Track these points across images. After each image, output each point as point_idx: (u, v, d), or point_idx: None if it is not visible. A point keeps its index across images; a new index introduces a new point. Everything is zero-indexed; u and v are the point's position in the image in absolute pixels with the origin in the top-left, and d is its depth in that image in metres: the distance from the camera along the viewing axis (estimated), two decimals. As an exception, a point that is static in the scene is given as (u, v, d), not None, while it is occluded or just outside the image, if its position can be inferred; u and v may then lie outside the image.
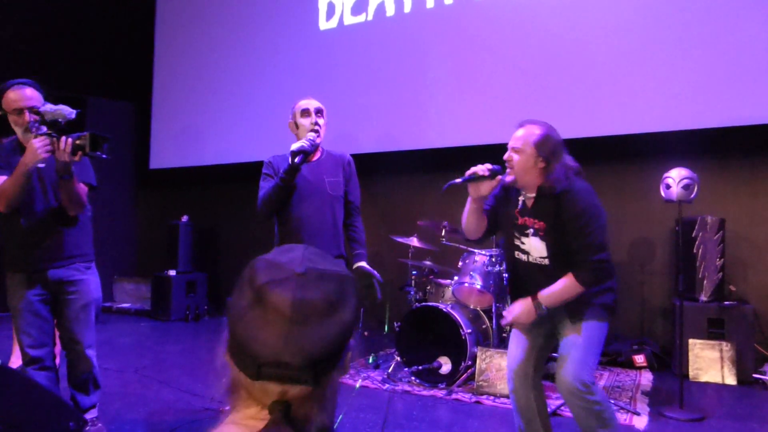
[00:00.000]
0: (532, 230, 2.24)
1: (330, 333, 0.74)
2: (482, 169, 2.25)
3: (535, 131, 2.18)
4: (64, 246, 2.61)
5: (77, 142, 2.39)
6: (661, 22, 4.60)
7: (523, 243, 2.29)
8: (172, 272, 6.69)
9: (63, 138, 2.36)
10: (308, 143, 2.62)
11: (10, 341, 3.89)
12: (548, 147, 2.17)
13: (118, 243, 7.57)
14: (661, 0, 4.61)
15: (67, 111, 2.45)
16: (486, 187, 2.25)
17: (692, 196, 3.54)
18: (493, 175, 2.24)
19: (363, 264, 2.77)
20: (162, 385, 3.96)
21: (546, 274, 2.22)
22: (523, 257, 2.30)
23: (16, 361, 3.93)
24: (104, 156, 2.45)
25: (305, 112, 2.82)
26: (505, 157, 2.24)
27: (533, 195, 2.26)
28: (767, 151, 4.61)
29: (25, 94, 2.53)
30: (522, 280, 2.35)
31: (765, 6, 4.25)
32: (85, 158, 2.56)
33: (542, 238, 2.22)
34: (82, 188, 2.59)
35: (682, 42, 4.52)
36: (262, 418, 0.75)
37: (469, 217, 2.37)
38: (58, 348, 2.76)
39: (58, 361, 2.79)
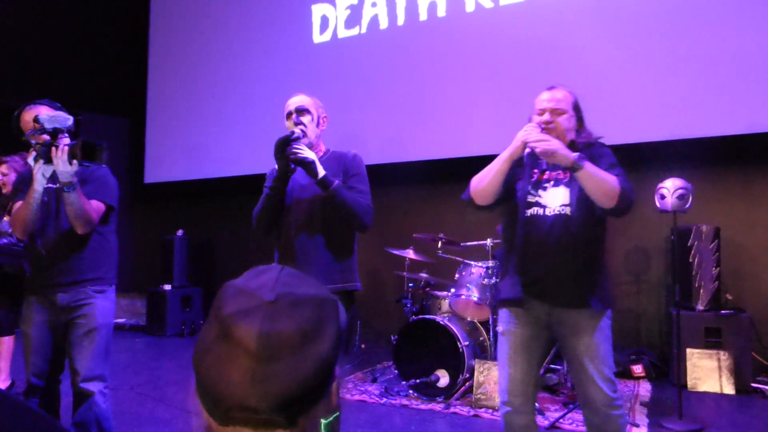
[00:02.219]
0: (553, 182, 2.21)
1: (304, 368, 0.66)
2: (542, 120, 2.21)
3: (568, 92, 2.28)
4: (75, 269, 2.47)
5: (72, 150, 2.29)
6: (656, 32, 4.64)
7: (540, 197, 2.21)
8: (168, 287, 6.66)
9: (61, 146, 2.25)
10: (291, 144, 2.33)
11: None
12: (578, 106, 2.30)
13: (113, 258, 7.53)
14: (656, 11, 4.66)
15: (61, 118, 2.36)
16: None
17: (687, 206, 3.56)
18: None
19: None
20: (158, 403, 3.92)
21: (564, 222, 2.14)
22: (540, 211, 2.20)
23: (1, 384, 3.88)
24: (102, 166, 2.40)
25: (288, 115, 2.53)
26: (544, 119, 2.20)
27: None
28: (761, 160, 4.64)
29: (33, 113, 2.46)
30: (536, 238, 2.18)
31: (759, 16, 4.29)
32: (105, 176, 2.50)
33: (567, 185, 2.18)
34: (96, 205, 2.47)
35: (676, 51, 4.55)
36: None
37: (497, 178, 2.20)
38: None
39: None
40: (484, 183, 2.23)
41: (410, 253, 4.60)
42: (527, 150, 2.17)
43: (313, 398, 0.69)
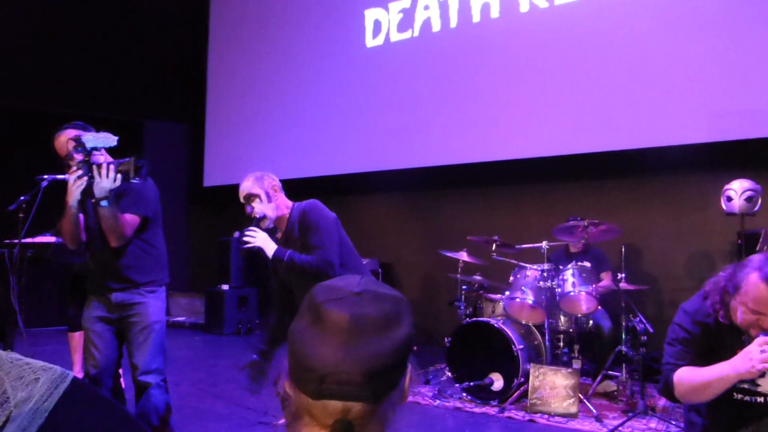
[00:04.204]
0: None
1: (387, 347, 0.75)
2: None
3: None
4: (123, 276, 2.64)
5: (120, 168, 2.41)
6: (730, 28, 4.46)
7: (756, 386, 1.90)
8: (225, 287, 6.85)
9: (104, 164, 2.40)
10: (243, 234, 2.56)
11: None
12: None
13: (173, 259, 7.76)
14: (735, 2, 4.48)
15: (110, 139, 2.51)
16: None
17: (756, 208, 3.40)
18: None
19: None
20: (216, 399, 4.05)
21: None
22: (758, 399, 1.91)
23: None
24: (142, 181, 2.49)
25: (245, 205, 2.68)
26: (763, 325, 1.79)
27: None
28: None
29: (69, 135, 2.63)
30: (741, 424, 1.93)
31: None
32: (137, 189, 2.62)
33: None
34: (130, 219, 2.60)
35: (749, 49, 4.36)
36: None
37: (714, 393, 1.85)
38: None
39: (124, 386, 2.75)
40: (698, 398, 1.90)
41: (464, 256, 4.58)
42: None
43: (393, 379, 0.78)
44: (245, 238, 2.53)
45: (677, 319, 1.99)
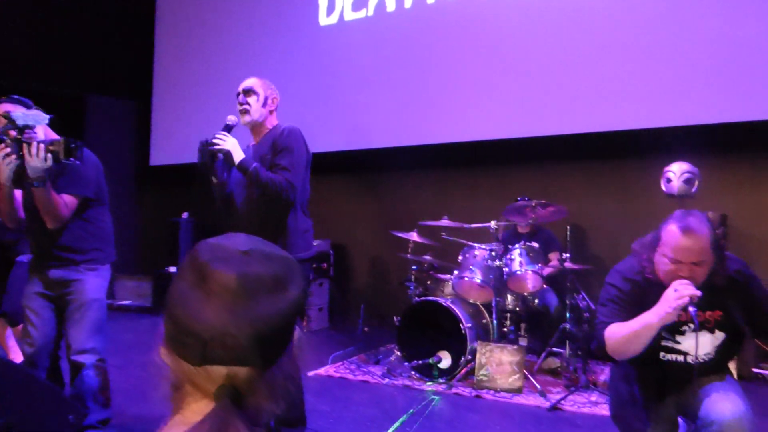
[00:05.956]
0: (692, 326, 1.96)
1: (276, 309, 0.70)
2: (693, 290, 1.82)
3: (705, 235, 1.88)
4: (62, 256, 2.56)
5: (50, 147, 2.32)
6: (664, 17, 4.58)
7: (677, 343, 2.01)
8: (173, 269, 6.69)
9: (34, 143, 2.30)
10: (212, 137, 2.58)
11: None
12: (718, 244, 1.94)
13: (118, 241, 7.54)
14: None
15: (41, 116, 2.42)
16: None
17: (693, 189, 3.54)
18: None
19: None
20: (163, 381, 3.96)
21: (700, 371, 1.97)
22: (679, 358, 2.01)
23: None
24: (77, 162, 2.39)
25: (237, 95, 2.71)
26: (684, 274, 1.87)
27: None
28: (769, 146, 4.60)
29: (1, 109, 2.50)
30: (671, 379, 2.02)
31: (766, 2, 4.24)
32: (76, 168, 2.52)
33: (718, 329, 1.99)
34: (68, 200, 2.50)
35: (685, 37, 4.50)
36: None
37: (641, 343, 1.92)
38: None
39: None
40: (628, 350, 1.95)
41: (414, 236, 4.60)
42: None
43: (282, 343, 0.73)
44: (214, 140, 2.51)
45: (608, 279, 2.07)
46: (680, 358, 2.01)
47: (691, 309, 1.80)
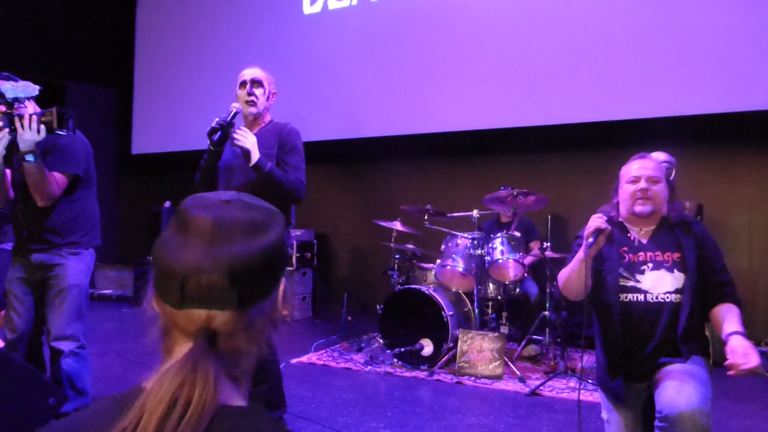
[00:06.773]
0: (652, 264, 2.03)
1: (253, 250, 0.71)
2: (602, 222, 1.97)
3: (658, 159, 2.03)
4: (47, 236, 2.52)
5: (42, 119, 2.29)
6: (640, 9, 4.64)
7: (638, 281, 2.05)
8: (155, 258, 6.64)
9: (26, 115, 2.27)
10: (219, 120, 2.57)
11: None
12: (670, 181, 2.06)
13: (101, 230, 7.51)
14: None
15: (30, 87, 2.37)
16: (603, 239, 2.00)
17: (671, 179, 3.59)
18: (610, 222, 2.04)
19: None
20: (144, 369, 3.94)
21: (669, 309, 2.00)
22: (639, 297, 2.04)
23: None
24: (70, 133, 2.37)
25: (242, 84, 2.75)
26: (642, 187, 2.02)
27: (651, 228, 2.10)
28: (745, 138, 4.69)
29: None
30: (634, 324, 2.04)
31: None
32: (66, 146, 2.49)
33: (676, 269, 2.02)
34: (59, 177, 2.48)
35: (662, 29, 4.56)
36: None
37: (579, 278, 2.01)
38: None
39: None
40: (572, 286, 2.07)
41: (397, 225, 4.62)
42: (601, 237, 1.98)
43: (261, 286, 0.74)
44: (237, 136, 2.51)
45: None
46: (640, 297, 2.04)
47: (590, 239, 1.94)
